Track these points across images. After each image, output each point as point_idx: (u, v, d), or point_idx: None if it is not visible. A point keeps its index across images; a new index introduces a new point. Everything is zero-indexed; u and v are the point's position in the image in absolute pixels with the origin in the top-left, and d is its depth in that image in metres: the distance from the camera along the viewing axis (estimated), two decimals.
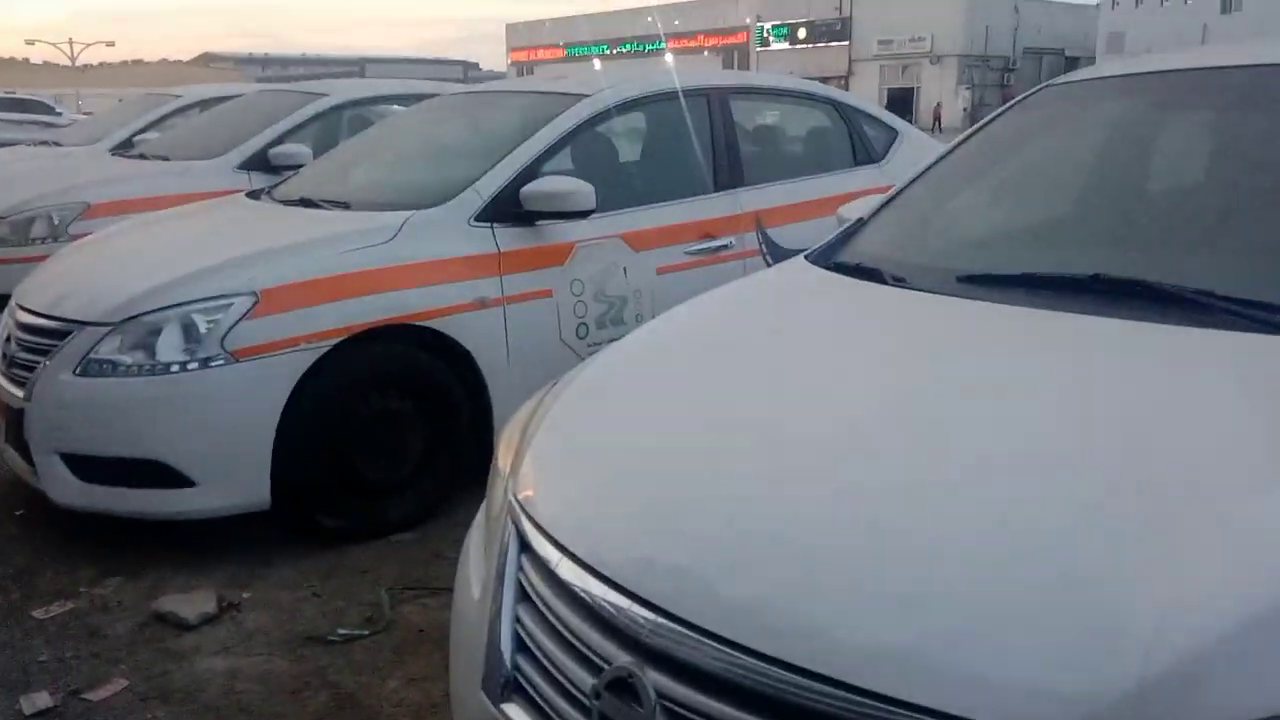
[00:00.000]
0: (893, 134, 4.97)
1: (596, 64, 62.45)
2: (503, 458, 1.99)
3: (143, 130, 8.06)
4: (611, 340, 4.09)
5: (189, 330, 3.13)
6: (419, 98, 5.92)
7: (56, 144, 8.41)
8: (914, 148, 5.00)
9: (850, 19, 55.97)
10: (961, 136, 2.69)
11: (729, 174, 4.33)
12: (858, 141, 4.88)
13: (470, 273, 3.55)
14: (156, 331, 3.13)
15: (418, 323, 3.41)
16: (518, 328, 3.64)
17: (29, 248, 5.31)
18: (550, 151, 3.85)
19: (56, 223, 5.37)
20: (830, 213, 4.82)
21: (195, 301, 3.15)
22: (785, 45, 58.46)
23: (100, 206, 5.42)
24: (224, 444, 3.14)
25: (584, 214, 3.65)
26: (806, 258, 2.40)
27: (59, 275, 3.68)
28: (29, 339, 3.35)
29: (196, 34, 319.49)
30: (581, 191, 3.62)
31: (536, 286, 3.70)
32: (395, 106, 6.28)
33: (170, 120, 8.22)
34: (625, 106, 4.14)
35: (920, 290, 2.01)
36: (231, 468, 3.15)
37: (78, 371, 3.14)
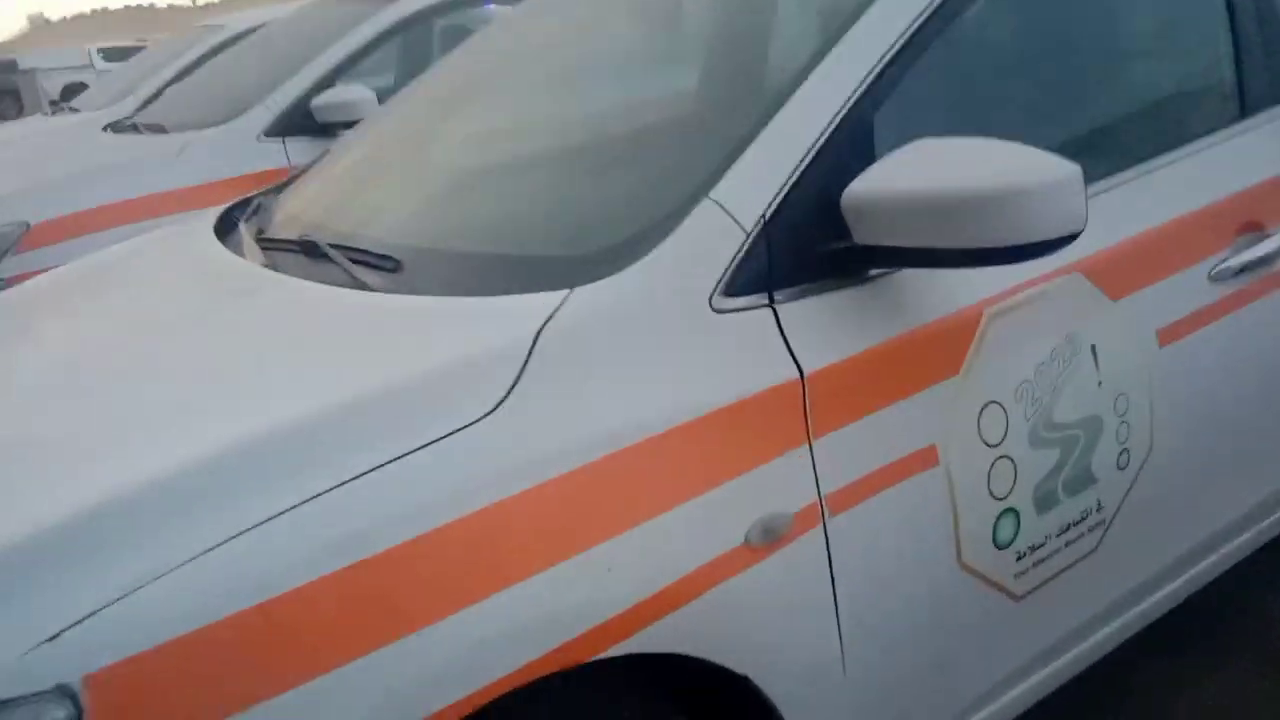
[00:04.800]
0: None
1: None
2: None
3: (177, 80, 5.96)
4: (1068, 544, 1.67)
5: None
6: None
7: (73, 109, 6.39)
8: None
9: None
10: None
11: (1269, 76, 1.84)
12: None
13: (739, 452, 1.24)
14: None
15: (620, 649, 1.15)
16: (860, 570, 1.34)
17: None
18: (887, 76, 1.45)
19: None
20: None
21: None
22: None
23: (45, 229, 3.31)
24: None
25: (1057, 243, 1.28)
26: None
27: None
28: None
29: None
30: (1059, 179, 1.24)
31: (902, 448, 1.37)
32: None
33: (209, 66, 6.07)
34: None
35: None
36: None
37: None
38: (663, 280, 1.27)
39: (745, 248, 1.31)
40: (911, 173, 1.30)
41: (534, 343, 1.18)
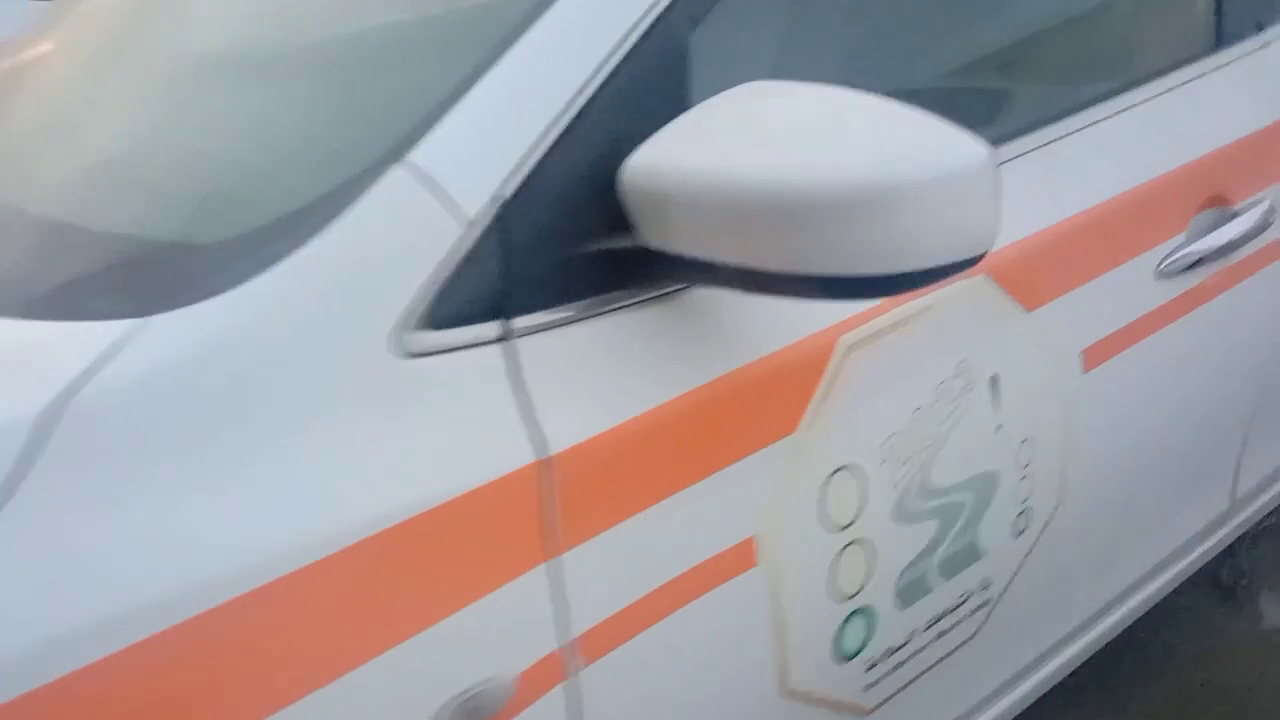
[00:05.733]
0: None
1: None
2: None
3: None
4: (941, 635, 1.16)
5: None
6: None
7: None
8: None
9: None
10: None
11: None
12: None
13: (430, 593, 0.77)
14: None
15: None
16: None
17: None
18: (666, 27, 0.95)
19: None
20: None
21: None
22: None
23: None
24: None
25: (948, 270, 0.81)
26: None
27: None
28: None
29: None
30: (960, 169, 0.76)
31: (702, 549, 0.92)
32: None
33: None
34: None
35: None
36: None
37: None
38: (312, 302, 0.77)
39: (466, 247, 0.81)
40: (727, 139, 0.81)
41: (38, 432, 0.68)
